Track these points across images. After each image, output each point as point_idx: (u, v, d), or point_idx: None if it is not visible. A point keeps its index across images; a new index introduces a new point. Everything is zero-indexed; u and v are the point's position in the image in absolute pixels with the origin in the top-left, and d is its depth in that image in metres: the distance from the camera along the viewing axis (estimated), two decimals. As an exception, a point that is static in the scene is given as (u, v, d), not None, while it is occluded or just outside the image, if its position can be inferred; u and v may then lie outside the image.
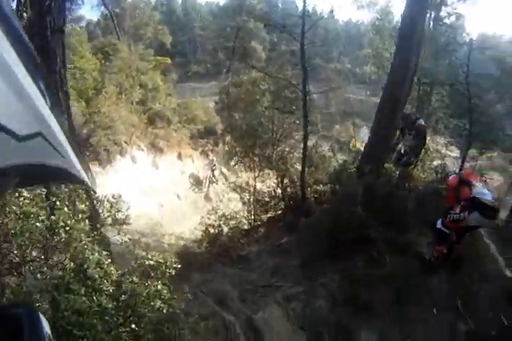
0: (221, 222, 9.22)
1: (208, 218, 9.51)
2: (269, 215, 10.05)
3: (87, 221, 4.43)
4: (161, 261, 4.54)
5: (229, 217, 9.41)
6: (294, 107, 10.22)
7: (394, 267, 6.48)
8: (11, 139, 0.61)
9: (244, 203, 10.62)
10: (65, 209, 4.10)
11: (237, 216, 9.72)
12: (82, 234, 4.26)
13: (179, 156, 18.96)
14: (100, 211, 8.05)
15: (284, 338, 5.72)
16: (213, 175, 18.81)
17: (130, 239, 6.96)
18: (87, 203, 4.90)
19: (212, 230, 9.19)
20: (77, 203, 4.60)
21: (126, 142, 16.44)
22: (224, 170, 19.23)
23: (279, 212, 9.94)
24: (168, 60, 24.41)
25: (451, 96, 13.09)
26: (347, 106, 20.07)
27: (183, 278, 7.59)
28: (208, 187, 18.48)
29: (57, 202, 4.15)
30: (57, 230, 4.06)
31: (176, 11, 38.80)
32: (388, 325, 5.88)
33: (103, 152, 14.94)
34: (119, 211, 8.27)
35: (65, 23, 6.35)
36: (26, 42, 0.67)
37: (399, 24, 9.68)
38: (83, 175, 1.12)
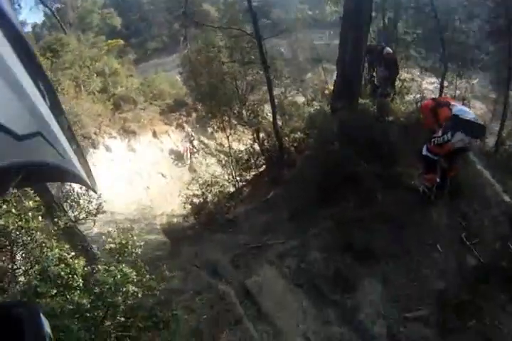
0: (204, 190, 8.73)
1: (188, 188, 9.05)
2: (252, 173, 9.62)
3: (40, 218, 4.02)
4: (123, 242, 4.14)
5: (210, 183, 8.92)
6: (252, 57, 9.54)
7: (387, 204, 6.05)
8: (10, 138, 0.59)
9: (223, 166, 10.18)
10: (13, 210, 3.77)
11: (219, 180, 9.25)
12: (38, 233, 3.95)
13: (154, 134, 18.26)
14: (68, 207, 7.69)
15: (280, 299, 5.35)
16: (193, 146, 18.22)
17: (120, 228, 6.64)
18: (37, 199, 4.41)
19: (196, 200, 8.73)
20: (24, 201, 4.11)
21: (95, 133, 15.76)
22: (202, 138, 18.67)
23: (262, 168, 9.49)
24: (121, 42, 23.52)
25: (418, 20, 12.47)
26: (313, 52, 19.36)
27: (175, 255, 7.25)
28: (190, 158, 17.92)
29: (4, 206, 3.76)
30: (9, 236, 3.82)
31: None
32: (392, 269, 5.51)
33: (74, 149, 14.33)
34: (90, 202, 7.84)
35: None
36: (26, 41, 0.66)
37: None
38: (83, 174, 1.14)
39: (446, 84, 11.40)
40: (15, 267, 3.93)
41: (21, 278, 3.88)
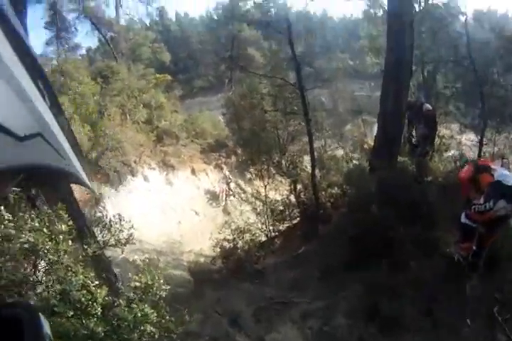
0: (235, 236, 8.77)
1: (219, 233, 9.11)
2: (285, 225, 9.58)
3: (70, 242, 4.10)
4: (149, 282, 4.19)
5: (243, 229, 8.95)
6: (295, 107, 9.76)
7: (420, 271, 5.88)
8: (10, 140, 0.59)
9: (257, 214, 10.20)
10: (45, 230, 3.84)
11: (252, 228, 9.26)
12: (66, 256, 3.99)
13: (193, 172, 18.55)
14: (99, 232, 7.78)
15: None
16: (229, 189, 18.27)
17: (148, 259, 6.71)
18: (70, 223, 4.51)
19: (226, 244, 8.76)
20: (56, 223, 4.23)
21: (135, 162, 16.23)
22: (240, 182, 18.82)
23: (296, 220, 9.46)
24: (168, 77, 24.27)
25: (457, 73, 12.49)
26: (354, 104, 19.43)
27: (197, 296, 7.21)
28: (225, 200, 17.95)
29: (37, 224, 3.85)
30: (36, 253, 3.84)
31: (171, 28, 38.63)
32: (418, 341, 5.29)
33: (113, 174, 14.76)
34: (121, 231, 7.96)
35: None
36: (25, 42, 0.66)
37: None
38: (83, 175, 1.14)
39: (485, 141, 11.23)
40: (36, 279, 3.94)
41: (40, 289, 3.89)
